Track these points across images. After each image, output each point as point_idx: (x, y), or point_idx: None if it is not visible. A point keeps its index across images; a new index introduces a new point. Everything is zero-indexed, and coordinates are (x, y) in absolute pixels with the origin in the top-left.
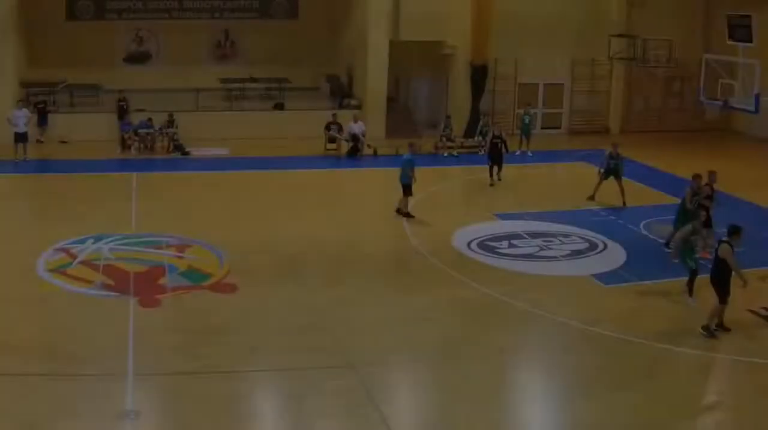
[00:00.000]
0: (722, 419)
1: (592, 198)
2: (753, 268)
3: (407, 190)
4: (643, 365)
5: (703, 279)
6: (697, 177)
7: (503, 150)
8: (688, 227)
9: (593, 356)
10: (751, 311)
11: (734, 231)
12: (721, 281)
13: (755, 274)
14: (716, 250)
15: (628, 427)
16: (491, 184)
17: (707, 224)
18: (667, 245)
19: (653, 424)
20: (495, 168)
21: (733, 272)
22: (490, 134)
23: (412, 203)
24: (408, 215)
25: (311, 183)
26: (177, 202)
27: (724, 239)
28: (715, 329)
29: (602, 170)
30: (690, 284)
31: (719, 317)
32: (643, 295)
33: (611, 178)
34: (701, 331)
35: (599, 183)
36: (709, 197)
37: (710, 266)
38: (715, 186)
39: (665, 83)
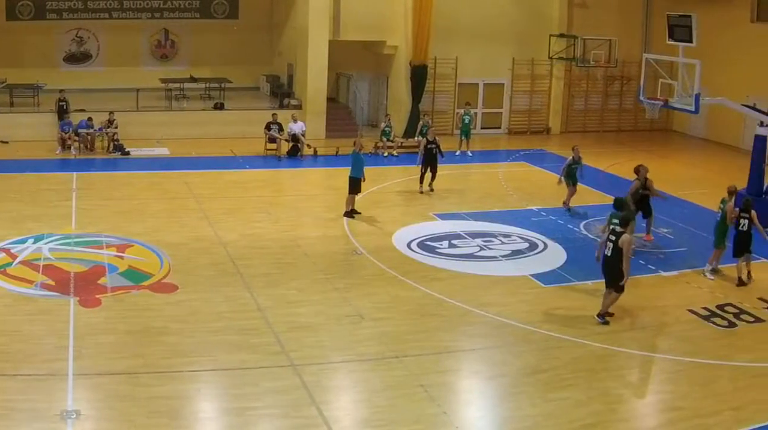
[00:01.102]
0: (662, 419)
1: (567, 206)
2: (696, 268)
3: (353, 187)
4: (583, 364)
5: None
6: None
7: (438, 156)
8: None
9: (533, 355)
10: (691, 311)
11: (628, 221)
12: (619, 270)
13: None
14: (615, 240)
15: (568, 426)
16: (421, 192)
17: (647, 211)
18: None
19: (593, 423)
20: (429, 175)
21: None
22: (424, 140)
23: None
24: (353, 213)
25: (252, 183)
26: (117, 202)
27: (620, 229)
28: (607, 314)
29: (563, 177)
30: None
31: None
32: (583, 295)
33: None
34: (596, 317)
35: (572, 191)
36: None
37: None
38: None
39: (605, 83)
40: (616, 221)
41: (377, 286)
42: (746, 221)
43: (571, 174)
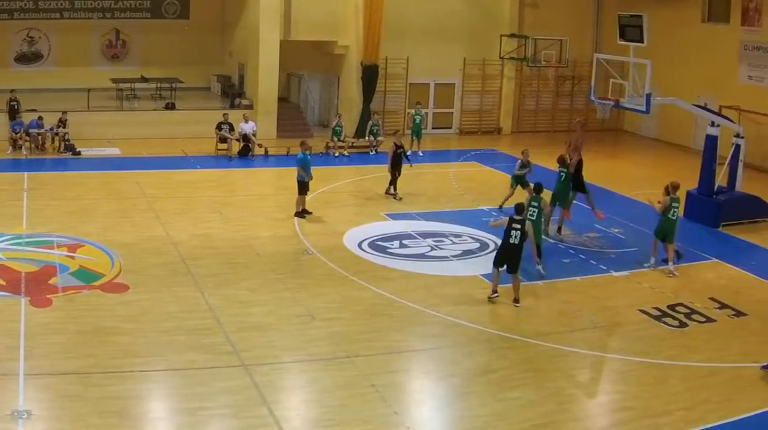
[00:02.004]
0: (613, 419)
1: (500, 207)
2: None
3: (302, 188)
4: (534, 364)
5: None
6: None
7: (405, 160)
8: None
9: (484, 355)
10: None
11: (522, 209)
12: (520, 255)
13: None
14: (520, 228)
15: (519, 426)
16: (392, 195)
17: (582, 188)
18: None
19: (544, 423)
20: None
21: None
22: (393, 145)
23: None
24: (304, 213)
25: (203, 183)
26: (68, 202)
27: (518, 217)
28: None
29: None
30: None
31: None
32: (533, 295)
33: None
34: (514, 304)
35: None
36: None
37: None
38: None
39: (556, 83)
40: (535, 204)
41: (328, 286)
42: (676, 209)
43: (519, 178)
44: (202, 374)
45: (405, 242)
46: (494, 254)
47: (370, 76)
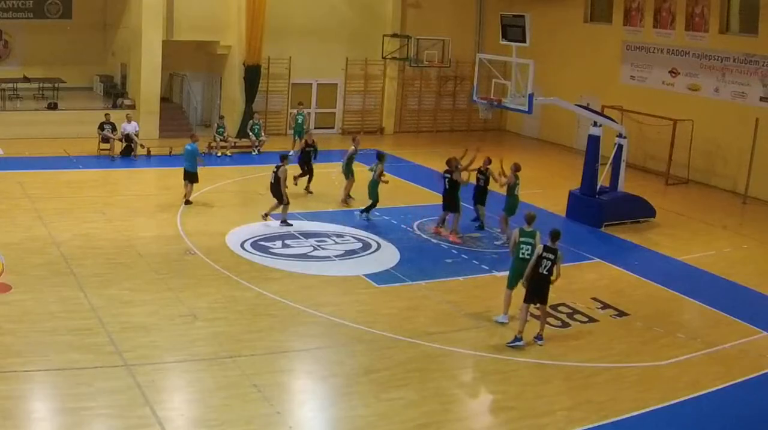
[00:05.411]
0: (496, 419)
1: (345, 199)
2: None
3: (193, 178)
4: (417, 364)
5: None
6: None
7: (313, 158)
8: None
9: (366, 355)
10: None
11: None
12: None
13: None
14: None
15: (401, 425)
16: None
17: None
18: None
19: (427, 423)
20: (306, 178)
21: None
22: (303, 142)
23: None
24: (187, 202)
25: (86, 183)
26: None
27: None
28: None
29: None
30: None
31: None
32: (416, 295)
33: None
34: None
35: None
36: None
37: None
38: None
39: (439, 83)
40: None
41: (211, 286)
42: (518, 186)
43: (350, 166)
44: (85, 374)
45: (287, 241)
46: (376, 253)
47: (252, 76)
